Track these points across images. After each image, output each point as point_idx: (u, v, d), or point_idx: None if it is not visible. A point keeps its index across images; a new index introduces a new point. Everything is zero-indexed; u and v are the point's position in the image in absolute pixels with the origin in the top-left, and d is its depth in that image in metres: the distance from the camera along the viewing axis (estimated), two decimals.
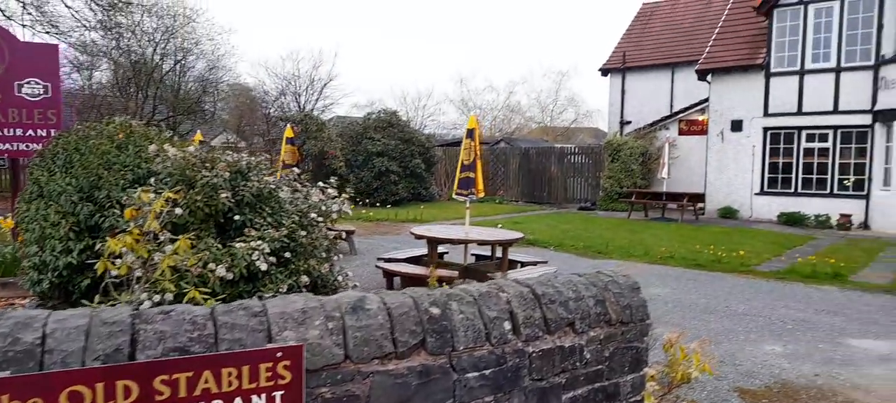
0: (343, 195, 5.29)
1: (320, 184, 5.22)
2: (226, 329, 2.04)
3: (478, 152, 7.97)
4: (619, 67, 25.32)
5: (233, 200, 4.41)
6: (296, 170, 5.43)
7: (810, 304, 8.04)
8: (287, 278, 4.33)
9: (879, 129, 15.76)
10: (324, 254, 4.77)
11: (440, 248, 8.48)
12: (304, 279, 4.39)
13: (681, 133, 21.35)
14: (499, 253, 8.11)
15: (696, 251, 11.86)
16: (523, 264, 8.28)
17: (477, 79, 73.36)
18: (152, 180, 4.45)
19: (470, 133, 7.98)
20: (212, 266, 3.87)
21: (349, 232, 11.26)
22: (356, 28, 72.60)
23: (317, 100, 34.86)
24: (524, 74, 68.45)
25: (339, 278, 5.00)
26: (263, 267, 4.11)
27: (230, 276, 3.94)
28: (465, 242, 7.62)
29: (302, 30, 64.14)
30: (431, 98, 46.56)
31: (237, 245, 4.14)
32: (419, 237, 7.78)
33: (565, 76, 45.31)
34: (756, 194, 18.07)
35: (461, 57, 73.63)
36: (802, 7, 17.05)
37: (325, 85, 34.59)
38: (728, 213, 18.32)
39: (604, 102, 26.96)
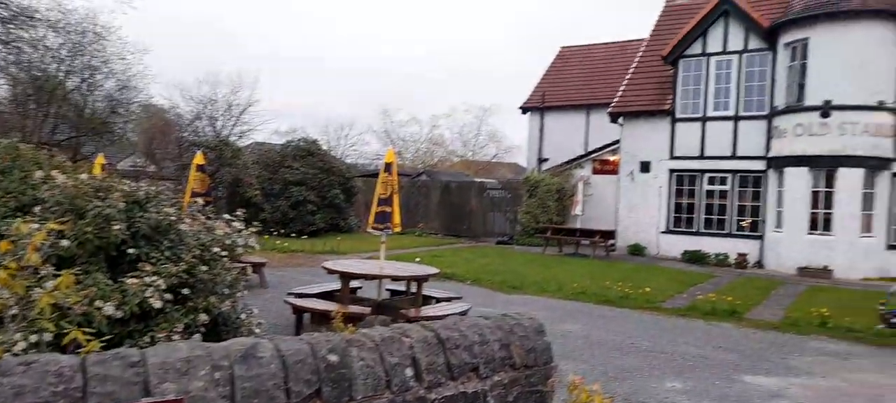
0: (250, 228, 5.08)
1: (225, 216, 4.99)
2: (96, 381, 1.86)
3: (395, 186, 7.93)
4: (538, 106, 26.15)
5: (127, 232, 4.13)
6: (200, 201, 5.18)
7: (710, 341, 8.44)
8: (184, 316, 4.08)
9: (772, 175, 17.00)
10: (226, 291, 4.54)
11: (354, 283, 8.32)
12: (203, 317, 4.15)
13: (595, 172, 22.21)
14: (414, 289, 8.04)
15: (606, 287, 12.24)
16: (438, 300, 8.25)
17: (401, 112, 73.89)
18: (38, 208, 4.11)
19: (388, 167, 7.93)
20: (99, 303, 3.59)
21: (259, 265, 10.89)
22: (281, 54, 71.57)
23: (234, 125, 33.77)
24: (448, 109, 69.42)
25: (243, 316, 4.77)
26: (158, 304, 3.86)
27: (119, 314, 3.67)
28: (379, 277, 7.51)
29: (223, 53, 62.55)
30: (354, 128, 46.30)
31: (129, 281, 3.87)
32: (332, 272, 7.59)
33: (487, 112, 46.06)
34: (662, 232, 18.97)
35: (386, 90, 73.98)
36: (705, 59, 18.29)
37: (244, 110, 33.61)
38: (637, 250, 19.11)
39: (524, 139, 27.67)
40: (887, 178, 15.69)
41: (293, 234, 19.44)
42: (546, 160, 25.87)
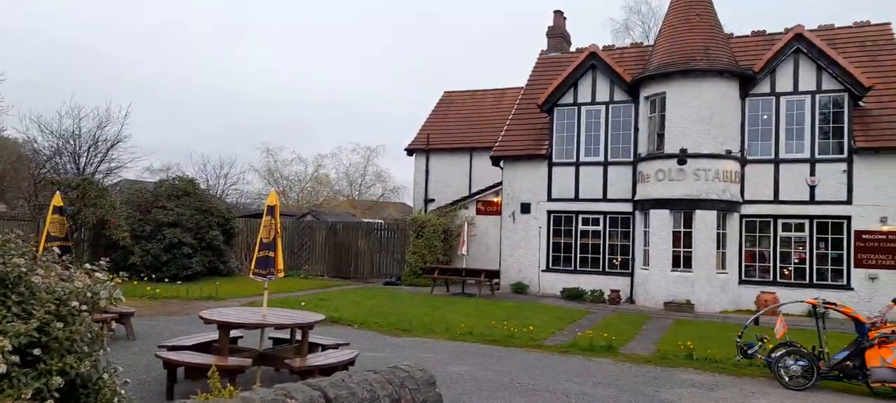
0: (117, 277, 4.66)
1: (87, 265, 4.55)
2: None
3: (278, 230, 7.65)
4: (423, 148, 26.55)
5: None
6: (57, 249, 4.68)
7: (590, 377, 8.80)
8: (34, 380, 3.63)
9: (639, 216, 18.30)
10: (86, 348, 4.11)
11: (234, 332, 7.86)
12: (57, 381, 3.72)
13: (479, 212, 22.80)
14: (299, 336, 7.74)
15: (492, 326, 12.46)
16: (324, 347, 7.98)
17: (285, 151, 72.15)
18: None
19: (270, 210, 7.65)
20: None
21: (126, 315, 10.01)
22: (157, 87, 67.71)
23: (100, 162, 31.30)
24: (334, 149, 68.77)
25: (106, 376, 4.32)
26: (2, 368, 3.41)
27: None
28: (262, 326, 7.16)
29: (91, 82, 58.05)
30: (235, 166, 44.34)
31: None
32: (209, 322, 7.13)
33: (374, 152, 45.99)
34: (543, 271, 19.74)
35: (269, 128, 72.05)
36: (576, 108, 19.54)
37: (113, 146, 31.29)
38: (520, 289, 19.71)
39: (410, 179, 27.88)
40: (736, 220, 17.40)
41: (167, 279, 18.14)
42: (432, 200, 26.22)
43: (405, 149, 27.28)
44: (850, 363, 8.39)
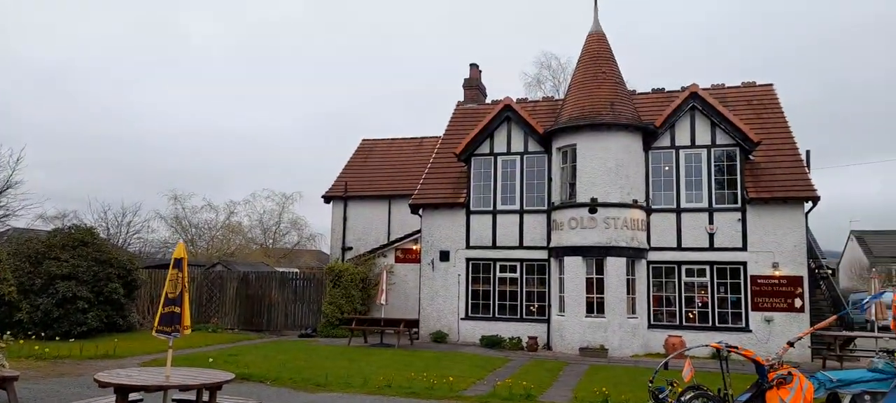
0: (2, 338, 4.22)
1: None
2: None
3: (186, 284, 7.24)
4: (340, 196, 26.24)
5: None
6: None
7: None
8: None
9: (554, 263, 18.77)
10: None
11: (133, 396, 7.28)
12: None
13: (397, 260, 22.64)
14: (206, 398, 7.27)
15: (411, 378, 12.24)
16: None
17: (194, 198, 69.30)
18: None
19: (177, 263, 7.24)
20: None
21: (8, 380, 9.07)
22: (54, 130, 63.60)
23: None
24: (247, 196, 66.67)
25: None
26: None
27: None
28: (165, 388, 6.67)
29: None
30: (140, 214, 41.86)
31: None
32: (104, 385, 6.57)
33: (289, 199, 44.93)
34: (462, 319, 19.75)
35: (177, 175, 69.11)
36: (493, 158, 20.03)
37: (1, 192, 28.90)
38: (439, 337, 19.59)
39: (327, 226, 27.36)
40: (644, 266, 18.20)
41: (58, 337, 16.68)
42: (350, 248, 25.82)
43: (322, 197, 26.85)
44: None
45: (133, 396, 7.66)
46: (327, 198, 26.76)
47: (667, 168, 18.64)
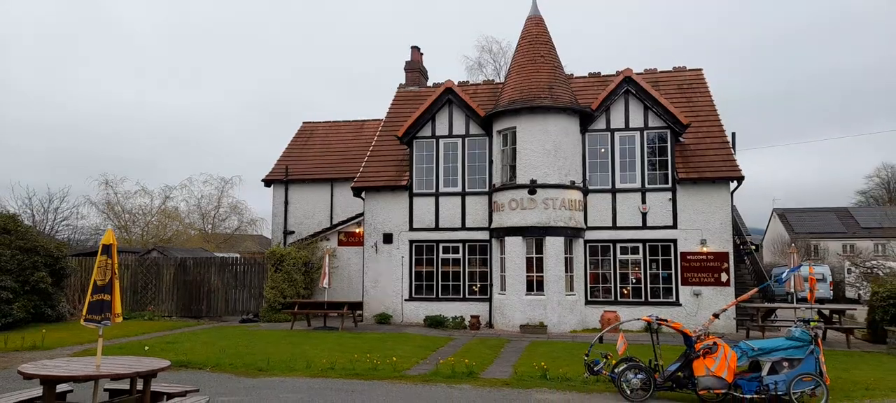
0: None
1: None
2: None
3: (115, 270, 7.03)
4: (281, 179, 25.80)
5: None
6: None
7: None
8: None
9: (495, 244, 19.09)
10: None
11: (62, 387, 7.06)
12: None
13: (340, 244, 22.50)
14: (140, 386, 7.12)
15: (355, 360, 12.29)
16: (170, 395, 7.41)
17: (127, 182, 66.42)
18: None
19: (106, 249, 7.02)
20: None
21: None
22: None
23: None
24: (184, 180, 64.46)
25: None
26: None
27: None
28: (95, 378, 6.49)
29: None
30: (67, 200, 39.91)
31: None
32: (30, 376, 6.34)
33: (229, 183, 43.78)
34: (406, 300, 19.87)
35: (108, 160, 66.10)
36: (435, 140, 20.11)
37: None
38: (383, 319, 19.66)
39: (269, 211, 26.89)
40: (581, 245, 18.75)
41: None
42: (292, 232, 25.48)
43: (263, 180, 26.34)
44: (681, 373, 9.30)
45: (61, 387, 7.44)
46: (268, 182, 26.28)
47: (602, 150, 19.18)
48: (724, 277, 18.10)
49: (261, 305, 21.50)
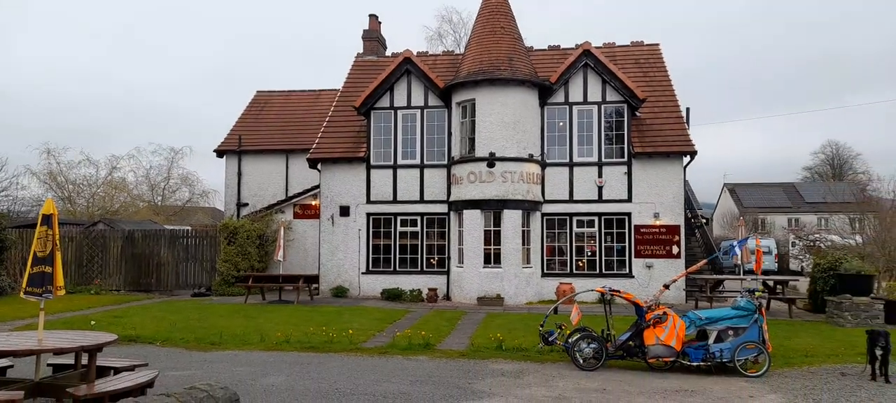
0: None
1: None
2: None
3: (57, 241, 6.72)
4: (234, 150, 25.14)
5: None
6: None
7: (408, 376, 8.96)
8: None
9: (454, 217, 19.10)
10: None
11: (2, 362, 6.74)
12: None
13: (296, 216, 22.15)
14: (85, 361, 6.86)
15: (310, 333, 12.16)
16: (117, 371, 7.17)
17: (70, 152, 63.72)
18: None
19: (46, 219, 6.68)
20: None
21: None
22: None
23: None
24: (131, 150, 62.26)
25: None
26: None
27: None
28: (37, 352, 6.21)
29: None
30: (6, 170, 38.02)
31: None
32: None
33: (179, 154, 42.48)
34: (363, 273, 19.75)
35: (50, 129, 63.25)
36: (393, 112, 19.86)
37: None
38: (340, 292, 19.52)
39: (221, 182, 26.21)
40: (539, 218, 18.92)
41: None
42: (246, 205, 24.94)
43: (215, 151, 25.61)
44: (632, 342, 9.52)
45: (1, 363, 7.13)
46: (220, 153, 25.57)
47: (561, 123, 19.30)
48: (675, 250, 18.57)
49: (213, 279, 21.05)
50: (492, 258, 18.21)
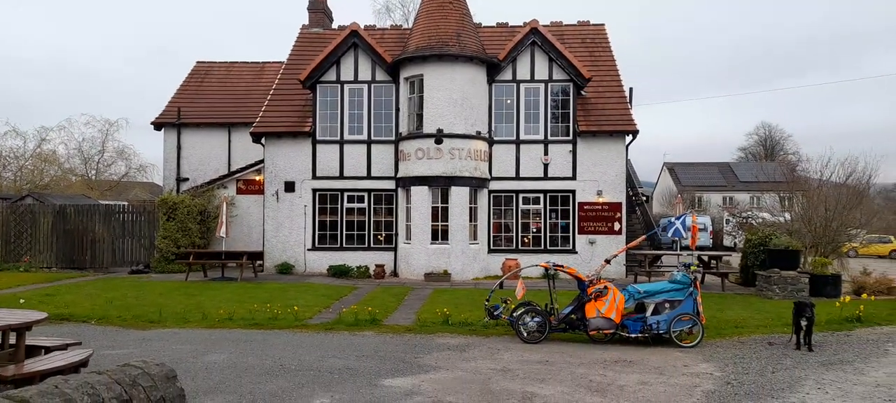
0: None
1: None
2: None
3: None
4: (173, 122, 24.24)
5: None
6: None
7: (354, 351, 8.95)
8: None
9: (401, 193, 19.04)
10: None
11: None
12: None
13: (239, 192, 21.62)
14: (13, 340, 6.55)
15: (254, 310, 11.97)
16: (48, 349, 6.88)
17: None
18: None
19: None
20: None
21: None
22: None
23: None
24: (62, 122, 59.16)
25: None
26: None
27: None
28: None
29: None
30: None
31: None
32: None
33: (114, 126, 40.68)
34: (309, 250, 19.51)
35: None
36: (340, 86, 19.54)
37: None
38: (285, 269, 19.24)
39: (160, 156, 25.27)
40: (486, 195, 19.09)
41: None
42: (186, 180, 24.15)
43: (152, 123, 24.63)
44: (574, 316, 9.78)
45: None
46: (158, 125, 24.60)
47: (508, 101, 19.43)
48: (617, 226, 19.09)
49: (152, 256, 20.39)
50: (439, 234, 18.29)
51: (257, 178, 21.23)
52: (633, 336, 9.56)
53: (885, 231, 31.35)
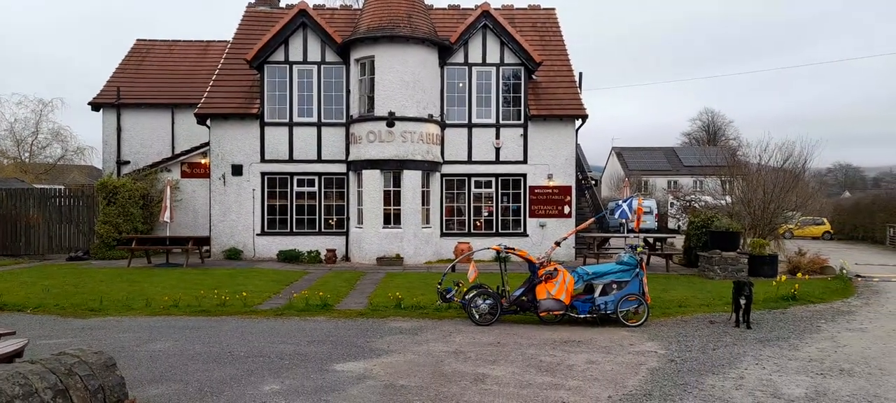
0: None
1: None
2: None
3: None
4: (112, 103, 23.26)
5: None
6: None
7: (305, 336, 8.84)
8: None
9: (353, 177, 18.84)
10: None
11: None
12: None
13: (184, 175, 20.98)
14: None
15: (201, 297, 11.66)
16: None
17: None
18: None
19: None
20: None
21: None
22: None
23: None
24: None
25: None
26: None
27: None
28: None
29: None
30: None
31: None
32: None
33: (48, 106, 38.75)
34: (258, 235, 19.12)
35: None
36: (288, 66, 19.10)
37: None
38: (233, 254, 18.81)
39: (98, 139, 24.23)
40: (438, 179, 19.08)
41: None
42: (127, 163, 23.27)
43: (90, 104, 23.57)
44: (525, 298, 9.91)
45: None
46: (96, 106, 23.57)
47: (460, 84, 19.41)
48: (566, 209, 19.41)
49: (92, 242, 19.60)
50: (391, 218, 18.20)
51: (203, 161, 20.63)
52: (581, 316, 9.76)
53: (818, 213, 32.91)
